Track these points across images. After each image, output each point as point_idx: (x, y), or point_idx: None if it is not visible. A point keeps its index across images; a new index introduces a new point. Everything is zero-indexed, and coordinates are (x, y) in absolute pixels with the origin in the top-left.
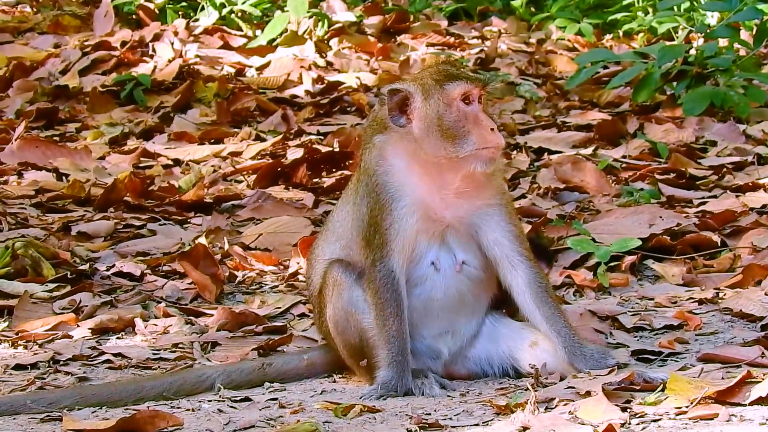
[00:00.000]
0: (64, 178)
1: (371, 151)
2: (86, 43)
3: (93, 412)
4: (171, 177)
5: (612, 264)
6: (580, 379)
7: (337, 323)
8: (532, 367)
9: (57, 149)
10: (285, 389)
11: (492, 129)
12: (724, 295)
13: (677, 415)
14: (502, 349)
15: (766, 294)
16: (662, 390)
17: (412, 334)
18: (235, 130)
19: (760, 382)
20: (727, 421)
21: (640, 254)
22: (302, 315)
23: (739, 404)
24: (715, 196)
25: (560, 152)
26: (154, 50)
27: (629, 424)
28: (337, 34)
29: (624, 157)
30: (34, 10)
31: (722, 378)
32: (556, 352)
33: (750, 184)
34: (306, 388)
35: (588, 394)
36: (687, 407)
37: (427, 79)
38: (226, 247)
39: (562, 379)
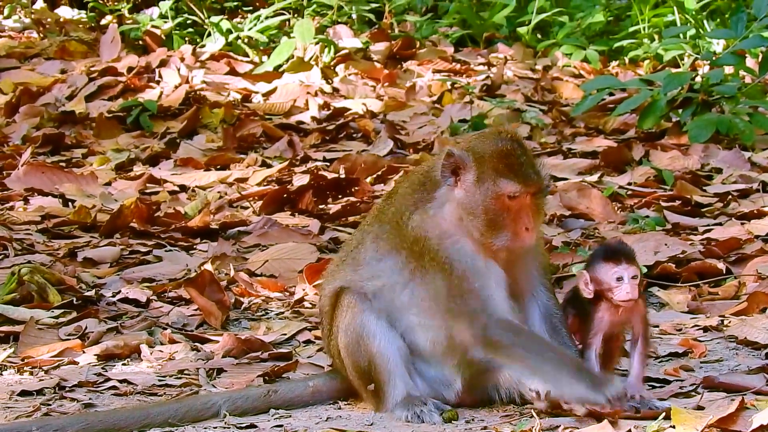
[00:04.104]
0: (70, 203)
1: (427, 213)
2: (93, 69)
3: None
4: (177, 203)
5: None
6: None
7: (347, 345)
8: (537, 394)
9: (63, 175)
10: (290, 416)
11: (527, 229)
12: (729, 322)
13: None
14: (508, 376)
15: None
16: (666, 418)
17: (429, 363)
18: (242, 156)
19: (762, 409)
20: None
21: (646, 281)
22: (308, 341)
23: None
24: (720, 224)
25: (566, 179)
26: (160, 76)
27: None
28: (344, 60)
29: (629, 184)
30: (41, 35)
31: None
32: None
33: (755, 211)
34: (311, 415)
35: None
36: None
37: (488, 162)
38: (232, 273)
39: None
